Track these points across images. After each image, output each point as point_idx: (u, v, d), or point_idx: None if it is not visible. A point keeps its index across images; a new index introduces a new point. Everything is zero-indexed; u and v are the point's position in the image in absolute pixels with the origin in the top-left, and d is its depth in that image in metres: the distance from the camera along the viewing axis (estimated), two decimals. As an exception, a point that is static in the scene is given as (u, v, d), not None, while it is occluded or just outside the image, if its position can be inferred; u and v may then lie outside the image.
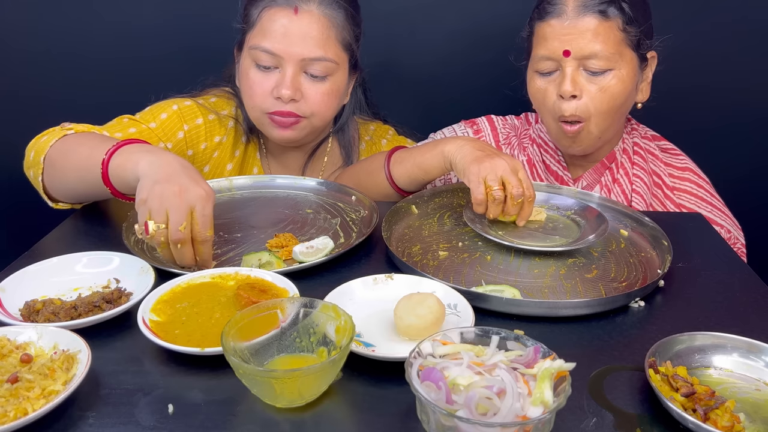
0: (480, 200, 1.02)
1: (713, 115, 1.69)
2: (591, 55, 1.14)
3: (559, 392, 0.61)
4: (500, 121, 1.43)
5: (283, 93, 1.20)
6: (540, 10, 1.20)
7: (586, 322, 0.83)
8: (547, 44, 1.17)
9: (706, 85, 1.67)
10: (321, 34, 1.21)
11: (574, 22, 1.15)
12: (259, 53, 1.21)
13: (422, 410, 0.63)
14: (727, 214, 1.26)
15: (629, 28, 1.15)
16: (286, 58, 1.20)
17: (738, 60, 1.65)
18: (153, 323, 0.77)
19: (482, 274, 0.95)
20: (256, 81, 1.23)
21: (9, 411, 0.62)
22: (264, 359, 0.71)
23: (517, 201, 1.02)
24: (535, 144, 1.36)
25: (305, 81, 1.23)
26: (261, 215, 1.15)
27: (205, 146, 1.32)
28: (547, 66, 1.19)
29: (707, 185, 1.29)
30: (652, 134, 1.35)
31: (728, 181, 1.42)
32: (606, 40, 1.14)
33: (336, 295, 0.83)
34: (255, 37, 1.22)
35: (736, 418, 0.64)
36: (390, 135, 1.46)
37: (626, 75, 1.17)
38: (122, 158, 0.99)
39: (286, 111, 1.23)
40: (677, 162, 1.31)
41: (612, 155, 1.30)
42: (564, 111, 1.17)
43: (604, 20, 1.14)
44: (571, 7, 1.15)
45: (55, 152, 1.10)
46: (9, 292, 0.84)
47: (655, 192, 1.28)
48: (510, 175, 1.02)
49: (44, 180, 1.12)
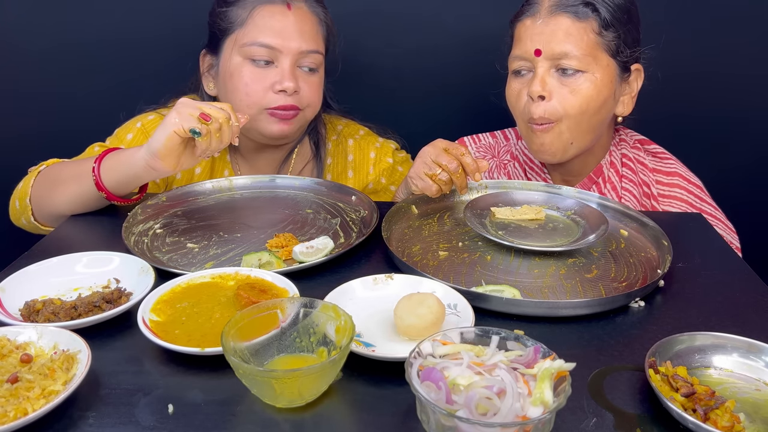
0: (433, 191, 1.11)
1: (709, 114, 1.69)
2: (561, 55, 1.14)
3: (559, 392, 0.61)
4: (473, 143, 1.43)
5: (287, 85, 1.23)
6: (518, 11, 1.20)
7: (586, 322, 0.83)
8: (520, 44, 1.18)
9: (700, 84, 1.66)
10: (312, 29, 1.27)
11: (547, 21, 1.14)
12: (256, 49, 1.23)
13: (422, 410, 0.63)
14: (719, 218, 1.25)
15: (605, 33, 1.14)
16: (285, 51, 1.23)
17: (735, 59, 1.64)
18: (153, 323, 0.77)
19: (482, 274, 0.95)
20: (254, 77, 1.24)
21: (9, 411, 0.62)
22: (264, 359, 0.71)
23: (457, 173, 1.09)
24: (517, 161, 1.36)
25: (300, 74, 1.26)
26: (261, 215, 1.15)
27: None
28: (521, 65, 1.19)
29: (697, 189, 1.26)
30: (639, 139, 1.33)
31: (724, 181, 1.41)
32: (578, 41, 1.13)
33: (336, 295, 0.83)
34: (248, 35, 1.23)
35: (736, 418, 0.64)
36: (361, 134, 1.47)
37: (600, 80, 1.15)
38: (114, 160, 1.06)
39: (289, 104, 1.24)
40: (665, 167, 1.29)
41: (599, 169, 1.28)
42: (533, 113, 1.17)
43: (577, 20, 1.13)
44: (545, 6, 1.15)
45: (38, 188, 1.16)
46: (9, 292, 0.84)
47: (644, 203, 1.27)
48: (439, 155, 1.10)
49: (36, 217, 1.17)
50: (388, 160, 1.43)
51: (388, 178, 1.44)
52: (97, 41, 1.64)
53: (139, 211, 1.10)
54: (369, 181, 1.43)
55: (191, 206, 1.18)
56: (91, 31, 1.63)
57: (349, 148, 1.44)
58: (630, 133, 1.34)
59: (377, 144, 1.45)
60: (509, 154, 1.37)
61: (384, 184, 1.44)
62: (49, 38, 1.63)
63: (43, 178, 1.16)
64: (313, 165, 1.41)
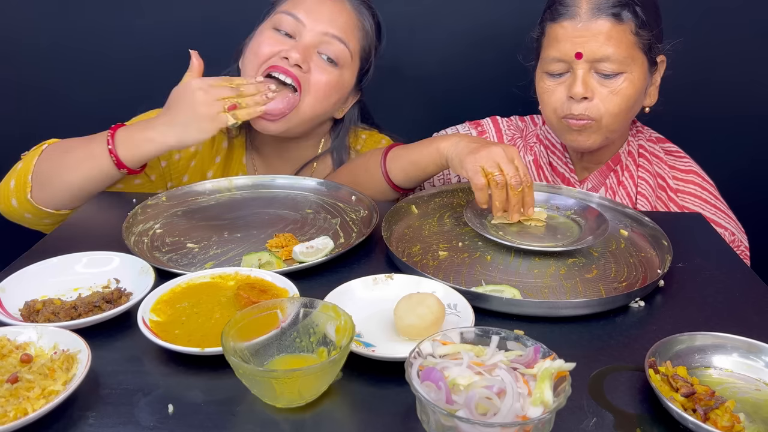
0: (481, 185, 1.02)
1: (715, 115, 1.69)
2: (603, 59, 1.14)
3: (559, 392, 0.61)
4: (505, 122, 1.42)
5: (292, 55, 1.19)
6: (552, 11, 1.19)
7: (586, 322, 0.83)
8: (558, 46, 1.17)
9: (708, 84, 1.66)
10: (346, 24, 1.25)
11: (587, 25, 1.14)
12: (284, 17, 1.23)
13: (422, 410, 0.63)
14: (731, 217, 1.26)
15: (642, 32, 1.15)
16: (308, 27, 1.22)
17: (741, 59, 1.65)
18: (153, 323, 0.77)
19: (482, 274, 0.95)
20: (270, 41, 1.23)
21: (9, 411, 0.62)
22: (264, 359, 0.71)
23: (517, 189, 1.02)
24: (542, 144, 1.36)
25: (316, 59, 1.23)
26: (261, 215, 1.15)
27: (180, 157, 1.33)
28: (558, 68, 1.19)
29: (711, 188, 1.28)
30: (657, 137, 1.35)
31: (730, 180, 1.41)
32: (619, 44, 1.13)
33: (336, 295, 0.83)
34: (283, 7, 1.24)
35: (736, 418, 0.64)
36: (383, 144, 1.43)
37: (637, 78, 1.17)
38: (128, 132, 1.12)
39: (286, 69, 1.20)
40: (682, 165, 1.31)
41: (617, 157, 1.29)
42: (573, 111, 1.17)
43: (617, 23, 1.13)
44: (585, 9, 1.14)
45: (43, 164, 1.15)
46: (9, 292, 0.84)
47: (659, 194, 1.28)
48: (507, 163, 1.03)
49: (33, 197, 1.15)
50: None
51: None
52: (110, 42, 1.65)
53: (139, 211, 1.10)
54: None
55: (191, 206, 1.18)
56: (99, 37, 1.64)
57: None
58: (648, 129, 1.36)
59: None
60: (535, 137, 1.38)
61: None
62: (61, 37, 1.63)
63: (49, 154, 1.15)
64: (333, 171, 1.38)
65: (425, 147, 1.17)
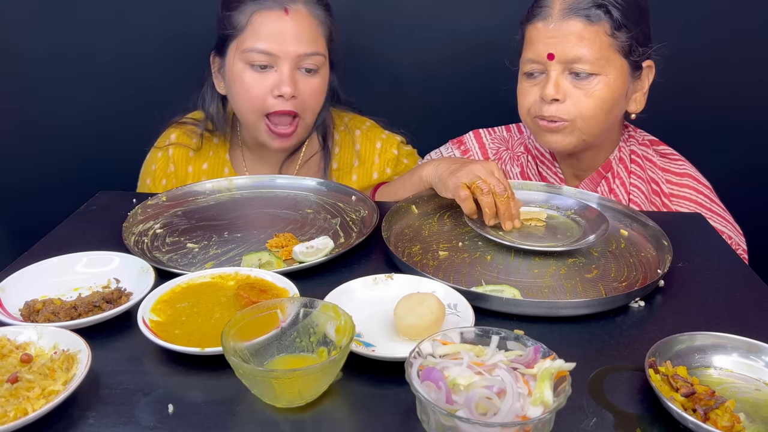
0: (464, 196, 1.04)
1: (713, 116, 1.69)
2: (575, 59, 1.14)
3: (559, 392, 0.61)
4: (488, 135, 1.43)
5: (285, 90, 1.24)
6: (529, 12, 1.20)
7: (586, 322, 0.83)
8: (532, 47, 1.18)
9: (703, 86, 1.66)
10: (311, 31, 1.27)
11: (559, 26, 1.14)
12: (255, 55, 1.24)
13: (422, 410, 0.63)
14: (728, 219, 1.25)
15: (618, 34, 1.14)
16: (283, 56, 1.24)
17: (736, 60, 1.64)
18: (153, 323, 0.77)
19: (482, 274, 0.95)
20: (253, 82, 1.26)
21: (9, 411, 0.62)
22: (264, 359, 0.71)
23: (503, 197, 1.04)
24: (530, 154, 1.36)
25: (299, 77, 1.27)
26: (261, 215, 1.15)
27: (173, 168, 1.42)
28: (533, 68, 1.19)
29: (707, 191, 1.27)
30: (650, 139, 1.34)
31: (728, 182, 1.41)
32: (591, 45, 1.13)
33: (336, 295, 0.83)
34: (247, 41, 1.25)
35: (736, 418, 0.64)
36: (367, 125, 1.48)
37: (614, 81, 1.16)
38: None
39: (288, 110, 1.26)
40: (676, 168, 1.29)
41: (608, 164, 1.29)
42: (544, 112, 1.17)
43: (589, 24, 1.13)
44: (557, 10, 1.15)
45: None
46: (9, 292, 0.84)
47: (653, 200, 1.27)
48: (487, 175, 1.05)
49: None
50: (394, 152, 1.46)
51: (393, 169, 1.45)
52: (106, 46, 1.65)
53: (139, 211, 1.10)
54: (374, 170, 1.45)
55: (191, 206, 1.18)
56: (98, 37, 1.64)
57: (356, 138, 1.46)
58: (640, 132, 1.35)
59: (383, 135, 1.48)
60: (523, 146, 1.38)
61: (389, 175, 1.45)
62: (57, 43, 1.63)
63: None
64: (320, 155, 1.43)
65: (409, 178, 1.22)
